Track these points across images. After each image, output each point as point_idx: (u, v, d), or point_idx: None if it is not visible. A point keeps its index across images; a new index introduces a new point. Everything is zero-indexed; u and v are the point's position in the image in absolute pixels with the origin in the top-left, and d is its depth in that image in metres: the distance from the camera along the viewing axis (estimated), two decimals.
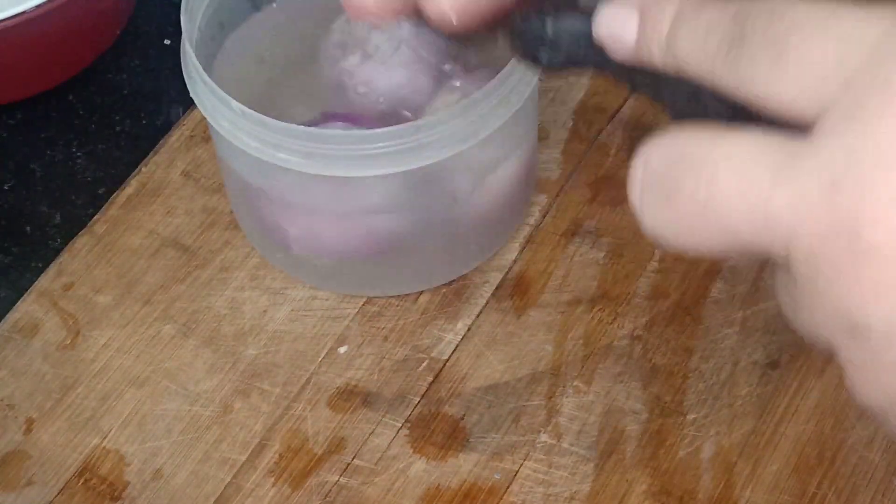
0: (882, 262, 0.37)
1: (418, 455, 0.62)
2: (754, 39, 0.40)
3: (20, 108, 0.76)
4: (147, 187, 0.71)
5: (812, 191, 0.38)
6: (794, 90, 0.39)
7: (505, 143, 0.63)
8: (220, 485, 0.62)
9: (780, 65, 0.39)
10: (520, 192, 0.68)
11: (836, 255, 0.38)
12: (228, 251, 0.69)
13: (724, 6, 0.42)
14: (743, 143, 0.40)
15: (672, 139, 0.42)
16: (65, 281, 0.68)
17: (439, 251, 0.66)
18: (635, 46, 0.45)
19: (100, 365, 0.66)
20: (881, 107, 0.37)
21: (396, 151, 0.58)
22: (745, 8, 0.41)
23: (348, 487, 0.61)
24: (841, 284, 0.38)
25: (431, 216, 0.64)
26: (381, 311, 0.67)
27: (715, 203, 0.40)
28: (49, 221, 0.72)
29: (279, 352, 0.66)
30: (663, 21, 0.44)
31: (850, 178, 0.37)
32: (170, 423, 0.64)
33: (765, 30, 0.40)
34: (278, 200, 0.64)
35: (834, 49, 0.38)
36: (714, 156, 0.40)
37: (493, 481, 0.62)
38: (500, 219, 0.67)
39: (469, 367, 0.65)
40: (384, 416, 0.64)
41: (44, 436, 0.63)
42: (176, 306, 0.67)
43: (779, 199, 0.38)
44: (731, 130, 0.40)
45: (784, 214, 0.38)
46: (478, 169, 0.64)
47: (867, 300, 0.38)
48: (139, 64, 0.79)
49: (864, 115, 0.38)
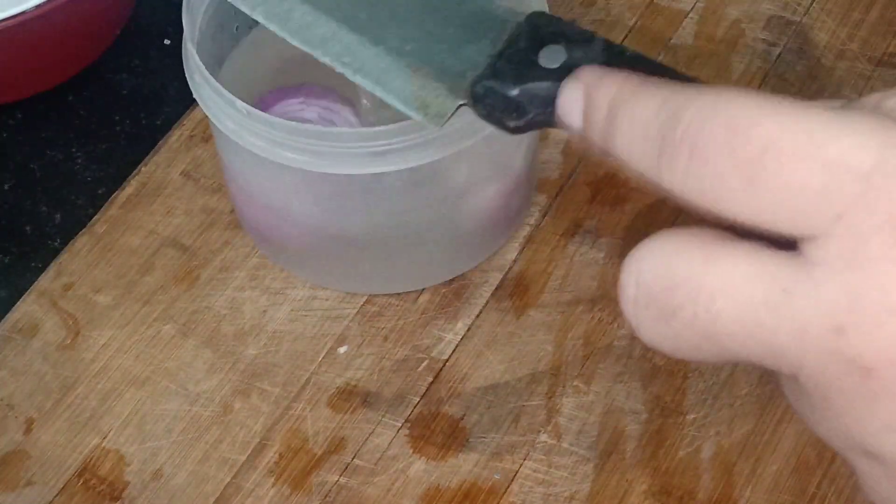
0: (894, 399, 0.37)
1: (418, 455, 0.62)
2: (710, 153, 0.38)
3: (20, 108, 0.76)
4: (147, 187, 0.71)
5: (817, 331, 0.37)
6: (770, 215, 0.38)
7: (508, 140, 0.63)
8: (220, 485, 0.62)
9: (753, 188, 0.37)
10: (523, 190, 0.67)
11: (847, 390, 0.37)
12: (228, 251, 0.69)
13: (661, 94, 0.40)
14: (737, 264, 0.38)
15: (661, 252, 0.40)
16: (65, 281, 0.68)
17: (442, 248, 0.66)
18: (582, 128, 0.43)
19: (100, 365, 0.65)
20: (882, 249, 0.36)
21: (402, 148, 0.58)
22: (687, 103, 0.38)
23: (348, 487, 0.61)
24: (853, 416, 0.38)
25: (434, 213, 0.64)
26: (381, 311, 0.66)
27: (715, 329, 0.39)
28: (49, 221, 0.72)
29: (279, 352, 0.65)
30: (602, 107, 0.42)
31: (856, 323, 0.37)
32: (170, 423, 0.63)
33: (724, 144, 0.37)
34: (281, 199, 0.64)
35: (820, 178, 0.37)
36: (709, 281, 0.38)
37: (492, 481, 0.61)
38: (503, 216, 0.67)
39: (469, 367, 0.65)
40: (384, 416, 0.63)
41: (44, 436, 0.63)
42: (176, 306, 0.67)
43: (783, 335, 0.38)
44: (721, 243, 0.39)
45: (790, 349, 0.38)
46: (480, 167, 0.63)
47: (880, 432, 0.37)
48: (139, 64, 0.79)
49: (865, 258, 0.36)
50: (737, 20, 0.75)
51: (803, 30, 0.75)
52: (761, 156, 0.37)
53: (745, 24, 0.75)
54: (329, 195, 0.63)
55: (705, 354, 0.40)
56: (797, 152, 0.37)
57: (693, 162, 0.38)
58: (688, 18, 0.76)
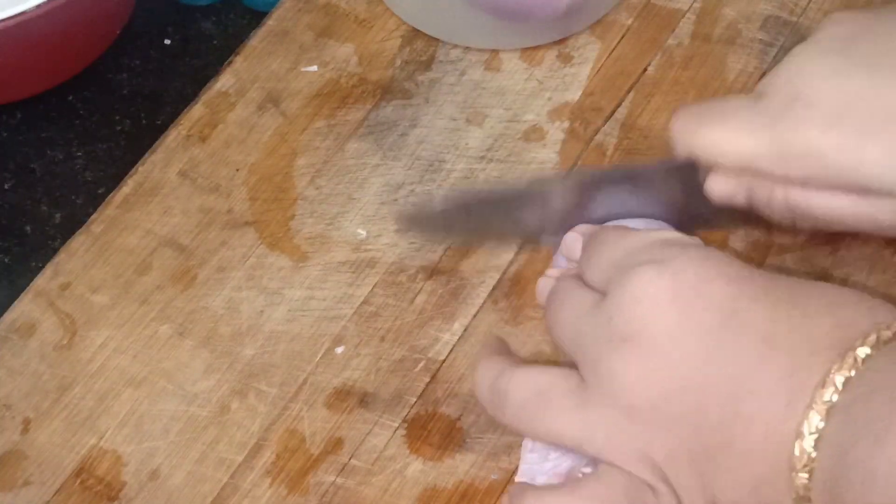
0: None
1: (415, 455, 0.61)
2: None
3: (20, 108, 0.76)
4: (144, 187, 0.70)
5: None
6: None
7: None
8: (218, 485, 0.61)
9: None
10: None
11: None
12: (225, 251, 0.68)
13: (616, 246, 0.56)
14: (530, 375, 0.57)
15: (481, 370, 0.58)
16: (62, 281, 0.67)
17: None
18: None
19: (97, 365, 0.64)
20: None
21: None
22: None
23: (345, 488, 0.61)
24: None
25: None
26: (378, 311, 0.66)
27: (520, 424, 0.57)
28: (49, 221, 0.71)
29: (276, 352, 0.65)
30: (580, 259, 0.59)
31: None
32: (167, 424, 0.63)
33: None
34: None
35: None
36: (506, 386, 0.56)
37: (489, 481, 0.60)
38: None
39: (466, 367, 0.64)
40: (381, 417, 0.62)
41: (41, 436, 0.63)
42: (173, 306, 0.66)
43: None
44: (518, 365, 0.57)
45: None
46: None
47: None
48: (139, 64, 0.78)
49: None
50: (734, 20, 0.74)
51: (800, 30, 0.74)
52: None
53: (742, 24, 0.74)
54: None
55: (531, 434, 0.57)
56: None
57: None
58: (684, 18, 0.74)
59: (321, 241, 0.67)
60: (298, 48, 0.73)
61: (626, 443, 0.52)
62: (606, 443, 0.53)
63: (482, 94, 0.71)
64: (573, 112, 0.71)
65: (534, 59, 0.72)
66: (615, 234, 0.57)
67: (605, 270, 0.55)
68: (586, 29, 0.73)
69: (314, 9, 0.75)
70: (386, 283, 0.66)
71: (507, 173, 0.69)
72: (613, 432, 0.52)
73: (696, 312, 0.52)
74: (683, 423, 0.51)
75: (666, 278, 0.52)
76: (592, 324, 0.54)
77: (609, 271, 0.54)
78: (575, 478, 0.55)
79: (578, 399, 0.53)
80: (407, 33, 0.74)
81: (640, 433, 0.52)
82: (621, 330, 0.52)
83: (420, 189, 0.68)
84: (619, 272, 0.53)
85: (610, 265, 0.55)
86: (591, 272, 0.56)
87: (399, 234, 0.67)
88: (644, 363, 0.52)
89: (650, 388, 0.52)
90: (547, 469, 0.56)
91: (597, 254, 0.56)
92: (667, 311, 0.52)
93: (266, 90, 0.72)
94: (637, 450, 0.52)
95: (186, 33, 0.78)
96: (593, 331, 0.53)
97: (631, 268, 0.53)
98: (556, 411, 0.54)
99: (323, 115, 0.71)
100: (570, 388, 0.54)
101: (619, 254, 0.55)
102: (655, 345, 0.52)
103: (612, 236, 0.57)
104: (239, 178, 0.69)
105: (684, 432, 0.51)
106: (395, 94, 0.72)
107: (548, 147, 0.70)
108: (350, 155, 0.70)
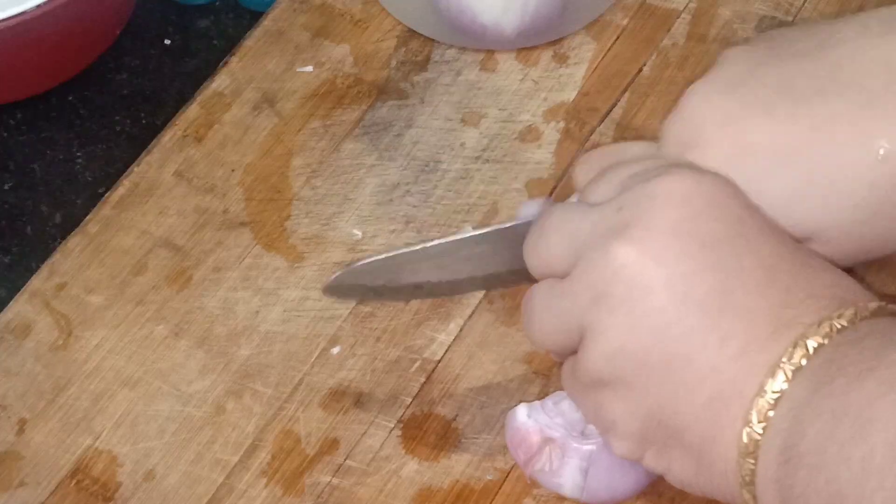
0: None
1: (410, 456, 0.61)
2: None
3: (20, 108, 0.75)
4: (139, 187, 0.70)
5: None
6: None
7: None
8: (213, 486, 0.61)
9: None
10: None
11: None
12: (221, 251, 0.67)
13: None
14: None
15: None
16: (57, 281, 0.67)
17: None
18: None
19: (92, 365, 0.64)
20: None
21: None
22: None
23: (341, 488, 0.60)
24: None
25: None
26: (374, 311, 0.65)
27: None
28: (49, 221, 0.71)
29: (272, 352, 0.64)
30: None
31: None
32: (162, 424, 0.62)
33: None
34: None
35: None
36: None
37: (485, 482, 0.60)
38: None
39: (461, 367, 0.63)
40: (376, 417, 0.62)
41: (36, 436, 0.62)
42: (168, 307, 0.66)
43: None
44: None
45: None
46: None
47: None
48: (139, 64, 0.77)
49: None
50: (729, 20, 0.74)
51: None
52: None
53: (738, 25, 0.73)
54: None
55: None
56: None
57: None
58: (679, 19, 0.74)
59: (317, 242, 0.67)
60: (294, 48, 0.73)
61: (571, 318, 0.52)
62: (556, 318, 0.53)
63: (477, 95, 0.71)
64: (568, 112, 0.71)
65: (529, 59, 0.72)
66: (630, 154, 0.56)
67: (621, 182, 0.53)
68: (582, 29, 0.73)
69: (310, 9, 0.75)
70: None
71: (502, 173, 0.68)
72: (569, 311, 0.52)
73: (705, 220, 0.51)
74: (652, 320, 0.50)
75: (687, 182, 0.51)
76: (592, 219, 0.52)
77: (626, 182, 0.53)
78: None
79: (558, 288, 0.53)
80: (402, 34, 0.73)
81: (599, 316, 0.51)
82: (626, 218, 0.51)
83: (416, 189, 0.68)
84: (641, 176, 0.52)
85: (629, 177, 0.53)
86: (600, 188, 0.54)
87: (395, 235, 0.66)
88: (637, 249, 0.50)
89: (635, 277, 0.50)
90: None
91: (611, 171, 0.54)
92: (679, 209, 0.50)
93: (262, 90, 0.72)
94: (567, 320, 0.52)
95: (186, 33, 0.78)
96: (593, 224, 0.52)
97: (656, 171, 0.52)
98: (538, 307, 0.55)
99: (318, 115, 0.71)
100: (551, 284, 0.54)
101: (637, 169, 0.53)
102: (656, 236, 0.50)
103: (627, 157, 0.55)
104: (234, 179, 0.69)
105: (649, 337, 0.50)
106: (391, 95, 0.71)
107: (543, 147, 0.70)
108: (346, 155, 0.69)
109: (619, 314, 0.51)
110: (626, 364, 0.51)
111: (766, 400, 0.48)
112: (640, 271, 0.50)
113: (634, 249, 0.50)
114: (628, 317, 0.51)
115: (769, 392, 0.48)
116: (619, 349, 0.51)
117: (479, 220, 0.67)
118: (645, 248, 0.50)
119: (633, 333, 0.51)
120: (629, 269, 0.50)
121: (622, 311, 0.51)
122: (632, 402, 0.52)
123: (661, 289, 0.50)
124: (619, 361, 0.51)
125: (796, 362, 0.48)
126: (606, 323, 0.51)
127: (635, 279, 0.50)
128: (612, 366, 0.51)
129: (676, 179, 0.51)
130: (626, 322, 0.51)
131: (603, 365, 0.51)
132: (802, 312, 0.49)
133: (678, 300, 0.50)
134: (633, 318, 0.50)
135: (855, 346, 0.48)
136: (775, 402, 0.48)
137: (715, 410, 0.50)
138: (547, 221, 0.54)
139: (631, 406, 0.52)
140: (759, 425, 0.48)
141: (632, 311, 0.50)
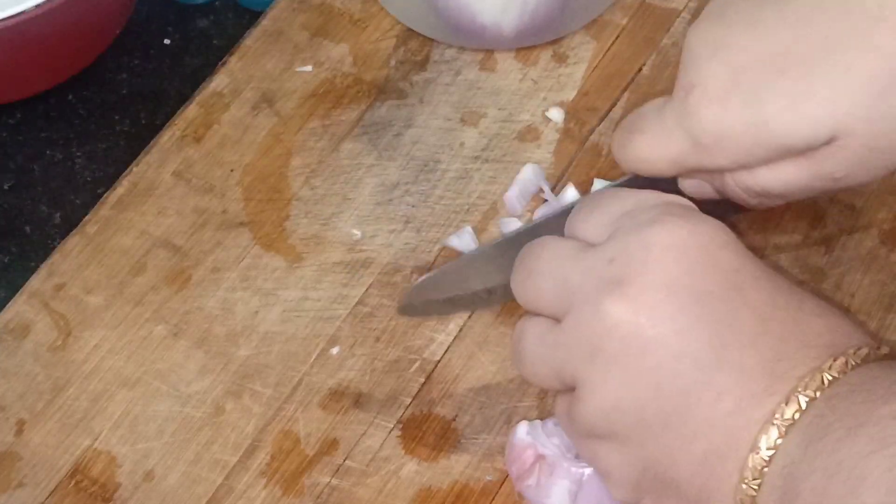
0: None
1: (410, 456, 0.61)
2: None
3: (20, 108, 0.75)
4: (138, 187, 0.70)
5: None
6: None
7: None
8: (212, 486, 0.60)
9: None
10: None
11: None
12: (220, 252, 0.67)
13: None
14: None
15: None
16: (56, 281, 0.67)
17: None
18: None
19: (91, 366, 0.64)
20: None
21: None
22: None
23: (340, 489, 0.60)
24: None
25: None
26: (373, 311, 0.65)
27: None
28: (48, 221, 0.71)
29: (271, 353, 0.64)
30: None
31: None
32: (161, 425, 0.62)
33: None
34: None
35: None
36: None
37: (484, 482, 0.60)
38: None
39: (461, 367, 0.63)
40: (376, 418, 0.62)
41: (35, 437, 0.62)
42: (167, 307, 0.65)
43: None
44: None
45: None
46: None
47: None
48: (139, 64, 0.77)
49: None
50: None
51: None
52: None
53: None
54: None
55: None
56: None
57: None
58: (679, 18, 0.74)
59: (316, 242, 0.66)
60: (293, 48, 0.73)
61: (564, 369, 0.52)
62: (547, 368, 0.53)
63: (477, 94, 0.71)
64: (568, 112, 0.70)
65: (529, 59, 0.72)
66: (623, 192, 0.54)
67: (611, 223, 0.52)
68: (581, 29, 0.72)
69: (309, 9, 0.74)
70: (381, 283, 0.65)
71: (501, 173, 0.68)
72: (568, 362, 0.52)
73: (700, 273, 0.50)
74: (648, 378, 0.50)
75: (683, 233, 0.50)
76: (583, 267, 0.52)
77: (617, 222, 0.52)
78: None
79: (550, 338, 0.53)
80: (402, 33, 0.73)
81: (593, 372, 0.50)
82: (619, 272, 0.50)
83: (415, 189, 0.68)
84: (631, 220, 0.51)
85: (620, 216, 0.52)
86: (589, 225, 0.53)
87: (394, 235, 0.65)
88: (632, 308, 0.50)
89: (629, 336, 0.50)
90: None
91: (601, 208, 0.54)
92: (673, 263, 0.50)
93: (261, 90, 0.71)
94: (561, 370, 0.52)
95: (186, 33, 0.77)
96: (583, 274, 0.51)
97: (647, 218, 0.51)
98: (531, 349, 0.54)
99: (318, 115, 0.70)
100: (542, 330, 0.53)
101: (629, 207, 0.53)
102: (650, 293, 0.50)
103: (620, 193, 0.54)
104: (233, 179, 0.69)
105: (644, 394, 0.50)
106: (390, 94, 0.71)
107: (543, 147, 0.69)
108: (345, 155, 0.69)
109: (614, 371, 0.50)
110: (621, 419, 0.50)
111: (760, 457, 0.48)
112: (634, 331, 0.50)
113: (628, 308, 0.50)
114: (623, 374, 0.50)
115: (763, 448, 0.48)
116: (614, 406, 0.50)
117: (479, 220, 0.66)
118: (639, 306, 0.50)
119: (628, 390, 0.50)
120: (623, 327, 0.50)
121: (616, 368, 0.50)
122: (627, 455, 0.51)
123: (656, 347, 0.49)
124: (615, 417, 0.51)
125: (789, 417, 0.48)
126: (601, 379, 0.50)
127: (629, 338, 0.50)
128: (608, 421, 0.51)
129: (670, 230, 0.50)
130: (620, 379, 0.50)
131: (598, 420, 0.51)
132: (795, 364, 0.49)
133: (673, 358, 0.49)
134: (627, 376, 0.50)
135: (845, 400, 0.47)
136: (770, 458, 0.48)
137: (711, 465, 0.49)
138: (536, 262, 0.54)
139: (627, 458, 0.51)
140: (755, 482, 0.48)
141: (626, 369, 0.50)
